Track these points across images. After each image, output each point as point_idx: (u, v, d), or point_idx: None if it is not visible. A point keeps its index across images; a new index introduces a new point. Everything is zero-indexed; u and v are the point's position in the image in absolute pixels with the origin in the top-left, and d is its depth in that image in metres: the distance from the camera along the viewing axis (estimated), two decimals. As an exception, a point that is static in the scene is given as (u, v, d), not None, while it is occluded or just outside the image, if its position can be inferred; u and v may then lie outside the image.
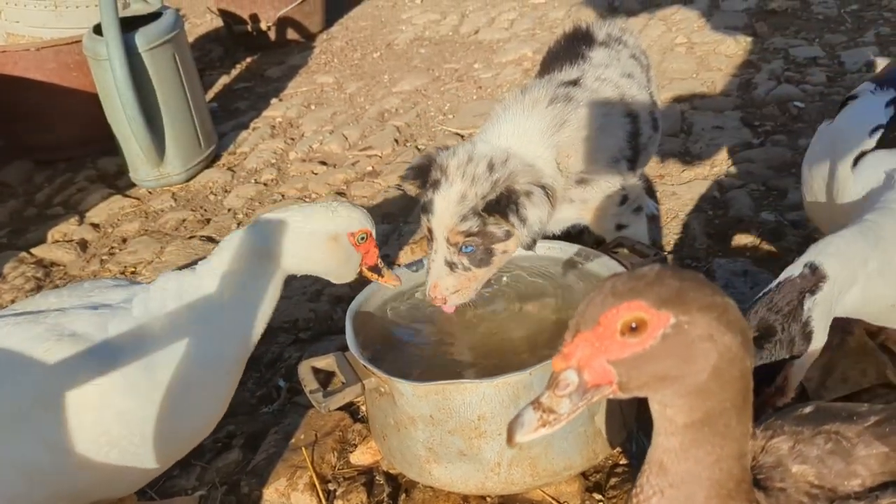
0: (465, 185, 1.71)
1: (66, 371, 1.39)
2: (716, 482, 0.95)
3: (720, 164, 2.90)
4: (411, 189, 1.88)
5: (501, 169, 1.73)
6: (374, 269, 1.73)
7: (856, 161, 1.61)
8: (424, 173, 1.79)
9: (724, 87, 3.52)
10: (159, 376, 1.44)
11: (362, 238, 1.67)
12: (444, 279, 1.73)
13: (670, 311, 0.87)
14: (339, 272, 1.70)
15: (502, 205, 1.69)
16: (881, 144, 1.56)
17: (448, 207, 1.71)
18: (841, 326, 1.90)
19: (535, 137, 1.82)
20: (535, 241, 1.72)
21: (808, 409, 1.13)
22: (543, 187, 1.74)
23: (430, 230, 1.75)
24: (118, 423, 1.41)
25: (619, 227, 2.03)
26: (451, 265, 1.73)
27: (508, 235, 1.73)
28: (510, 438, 0.89)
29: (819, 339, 1.40)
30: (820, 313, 1.39)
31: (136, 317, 1.48)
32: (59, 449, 1.38)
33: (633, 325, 0.87)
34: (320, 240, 1.62)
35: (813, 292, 1.38)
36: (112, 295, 1.55)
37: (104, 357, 1.42)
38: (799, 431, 1.08)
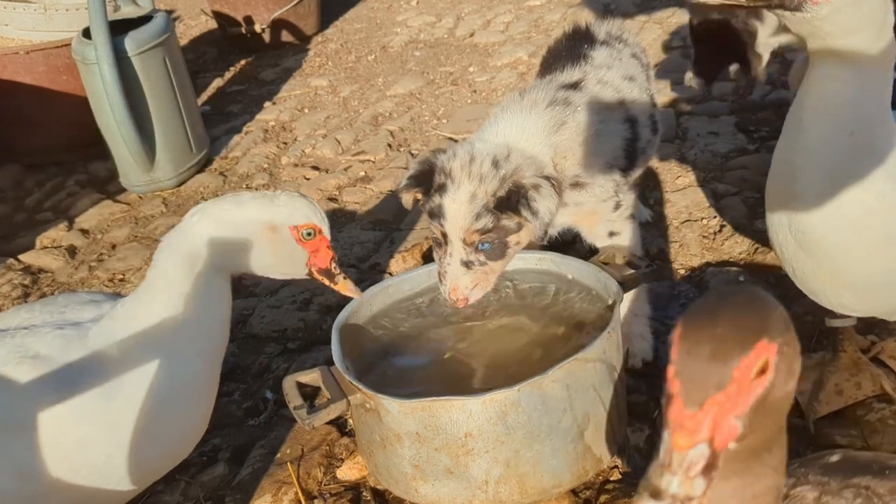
0: (473, 184, 1.70)
1: (25, 396, 1.35)
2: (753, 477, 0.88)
3: (715, 170, 2.88)
4: (408, 199, 1.84)
5: (506, 164, 1.73)
6: (326, 272, 1.54)
7: None
8: (426, 179, 1.77)
9: (720, 91, 3.49)
10: (119, 404, 1.38)
11: (308, 234, 1.49)
12: (461, 279, 1.72)
13: (778, 338, 0.80)
14: (283, 269, 1.53)
15: (513, 201, 1.69)
16: None
17: (460, 209, 1.70)
18: (832, 344, 1.88)
19: (533, 135, 1.83)
20: (546, 232, 1.74)
21: (834, 458, 1.08)
22: (549, 178, 1.74)
23: (443, 234, 1.74)
24: (78, 450, 1.36)
25: (612, 234, 2.01)
26: (468, 264, 1.72)
27: (520, 227, 1.74)
28: None
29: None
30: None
31: (94, 342, 1.41)
32: (22, 474, 1.34)
33: (761, 367, 0.79)
34: (257, 229, 1.45)
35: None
36: (84, 312, 1.49)
37: (62, 382, 1.36)
38: (825, 482, 1.02)
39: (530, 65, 4.10)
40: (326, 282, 1.56)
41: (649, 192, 2.80)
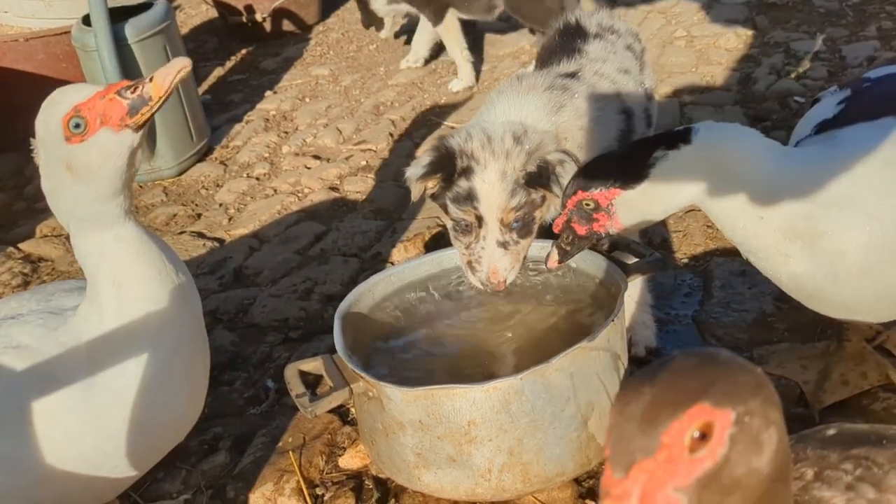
0: (500, 162, 1.70)
1: (9, 388, 1.32)
2: None
3: (719, 160, 2.86)
4: (419, 189, 1.80)
5: (527, 140, 1.73)
6: (134, 109, 1.24)
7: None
8: (445, 165, 1.75)
9: (724, 81, 3.47)
10: (104, 390, 1.34)
11: (76, 125, 1.23)
12: (500, 261, 1.72)
13: (730, 405, 0.72)
14: (111, 165, 1.26)
15: (544, 177, 1.70)
16: (817, 132, 1.57)
17: (493, 189, 1.69)
18: (837, 335, 1.86)
19: (535, 114, 1.84)
20: None
21: (831, 432, 1.06)
22: (568, 153, 1.75)
23: (477, 218, 1.72)
24: (66, 442, 1.33)
25: None
26: (505, 244, 1.72)
27: (544, 200, 1.76)
28: None
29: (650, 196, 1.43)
30: (665, 168, 1.39)
31: (72, 330, 1.36)
32: (12, 467, 1.32)
33: (698, 434, 0.71)
34: (60, 174, 1.26)
35: (669, 147, 1.39)
36: (69, 300, 1.44)
37: (45, 373, 1.32)
38: (824, 456, 1.01)
39: (533, 54, 4.07)
40: (147, 110, 1.25)
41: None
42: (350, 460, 1.82)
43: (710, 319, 2.11)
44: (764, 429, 0.75)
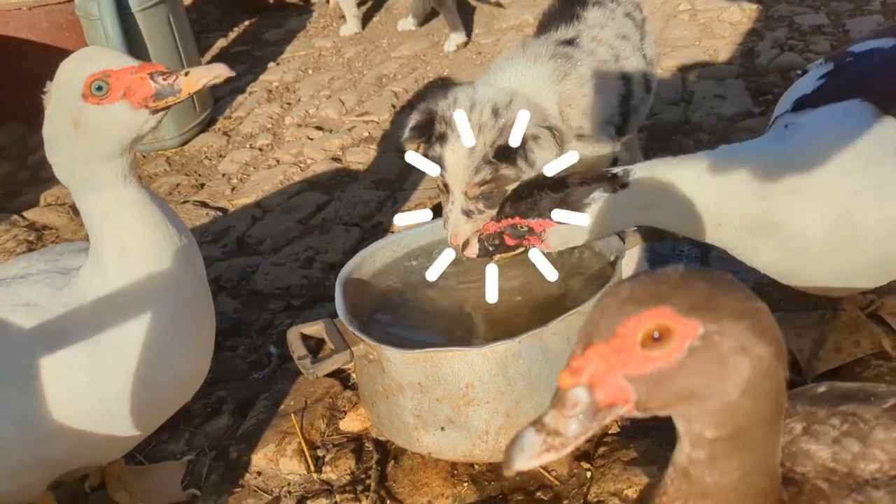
0: (472, 135, 1.70)
1: (18, 345, 1.35)
2: (742, 495, 0.87)
3: (720, 132, 2.86)
4: (412, 149, 1.83)
5: (506, 112, 1.73)
6: (160, 95, 1.27)
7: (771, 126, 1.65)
8: (428, 129, 1.77)
9: (727, 55, 3.46)
10: (108, 350, 1.36)
11: (99, 87, 1.25)
12: (462, 227, 1.74)
13: (699, 318, 0.76)
14: (121, 134, 1.28)
15: (511, 151, 1.70)
16: (794, 109, 1.58)
17: (459, 161, 1.71)
18: (832, 304, 1.89)
19: (539, 82, 1.85)
20: None
21: (821, 389, 1.08)
22: (550, 128, 1.75)
23: (444, 185, 1.75)
24: (73, 399, 1.36)
25: None
26: (468, 213, 1.74)
27: (519, 176, 1.75)
28: (508, 464, 0.77)
29: (586, 230, 1.51)
30: (601, 208, 1.48)
31: (77, 290, 1.38)
32: (19, 423, 1.35)
33: (657, 335, 0.76)
34: (64, 125, 1.27)
35: (607, 190, 1.47)
36: (76, 260, 1.47)
37: (52, 331, 1.35)
38: (813, 412, 1.03)
39: (535, 27, 4.06)
40: (172, 100, 1.28)
41: (653, 153, 2.79)
42: (350, 423, 1.86)
43: (708, 289, 2.13)
44: (734, 354, 0.78)
